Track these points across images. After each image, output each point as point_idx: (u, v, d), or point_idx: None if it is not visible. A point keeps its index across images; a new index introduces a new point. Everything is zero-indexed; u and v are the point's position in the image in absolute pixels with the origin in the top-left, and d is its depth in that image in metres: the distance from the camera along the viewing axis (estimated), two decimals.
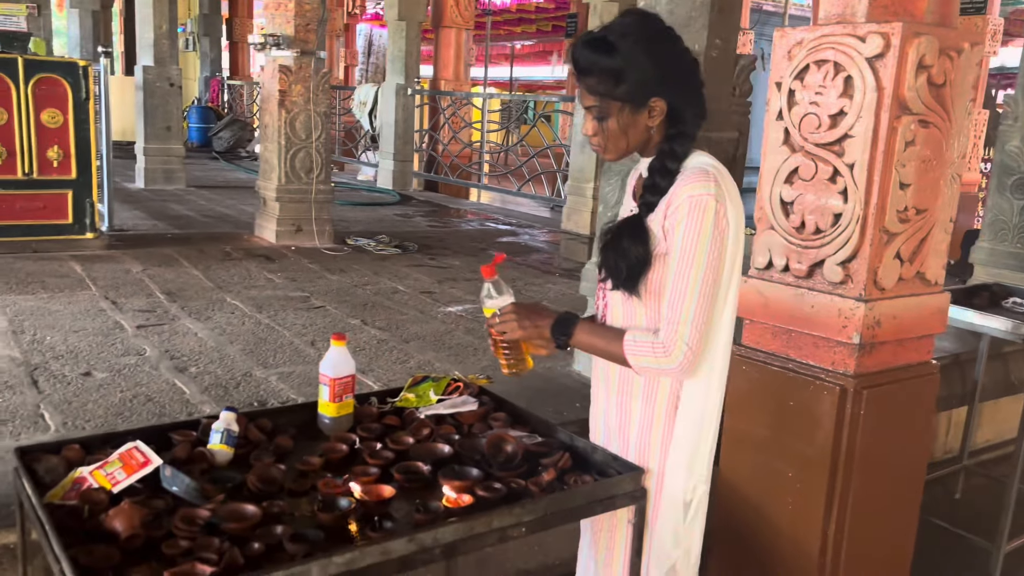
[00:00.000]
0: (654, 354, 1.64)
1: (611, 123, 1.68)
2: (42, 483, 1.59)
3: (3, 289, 4.35)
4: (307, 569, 1.33)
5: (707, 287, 1.63)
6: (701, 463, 1.75)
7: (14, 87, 5.01)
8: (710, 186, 1.62)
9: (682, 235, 1.62)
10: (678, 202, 1.63)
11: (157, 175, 9.16)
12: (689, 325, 1.62)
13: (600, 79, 1.64)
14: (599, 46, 1.64)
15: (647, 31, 1.66)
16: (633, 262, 1.67)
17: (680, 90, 1.69)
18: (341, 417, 1.93)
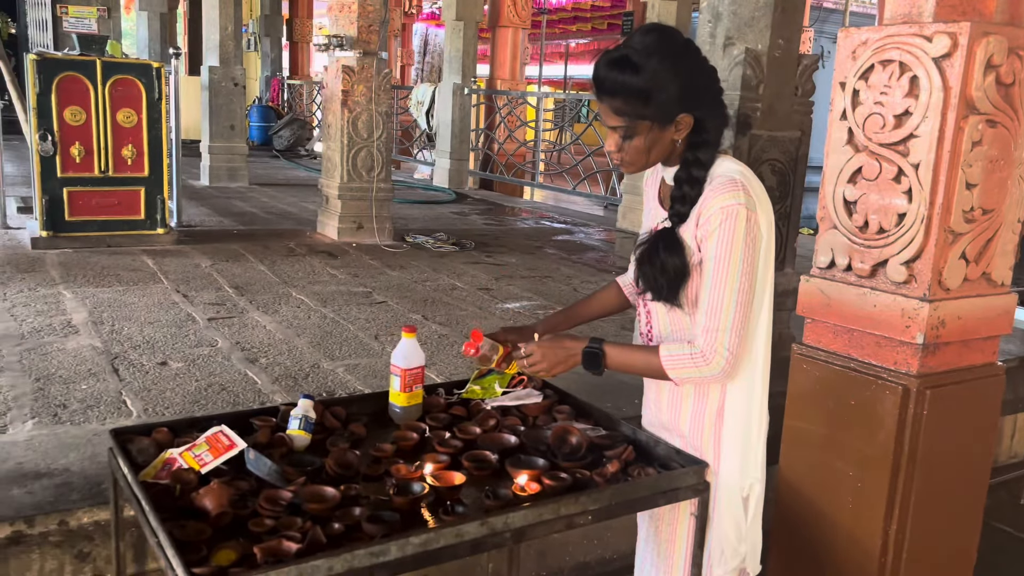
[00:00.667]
0: (695, 364, 1.68)
1: (637, 141, 1.69)
2: (135, 463, 1.69)
3: (82, 281, 4.55)
4: (386, 548, 1.40)
5: (743, 295, 1.66)
6: (753, 461, 1.78)
7: (92, 88, 5.21)
8: (740, 195, 1.65)
9: (715, 244, 1.65)
10: (709, 213, 1.66)
11: (221, 173, 9.41)
12: (728, 332, 1.66)
13: (627, 100, 1.65)
14: (625, 67, 1.63)
15: (672, 48, 1.66)
16: (672, 275, 1.70)
17: (704, 102, 1.71)
18: (411, 407, 2.00)
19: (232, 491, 1.57)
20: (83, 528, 2.04)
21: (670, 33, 1.69)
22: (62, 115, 5.14)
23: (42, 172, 5.19)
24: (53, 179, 5.24)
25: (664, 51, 1.64)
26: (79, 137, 5.22)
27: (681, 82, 1.65)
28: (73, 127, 5.19)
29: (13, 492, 2.11)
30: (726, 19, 2.91)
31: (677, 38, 1.68)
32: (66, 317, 3.84)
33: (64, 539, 2.02)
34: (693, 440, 1.81)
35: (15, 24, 15.32)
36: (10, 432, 2.54)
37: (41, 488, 2.14)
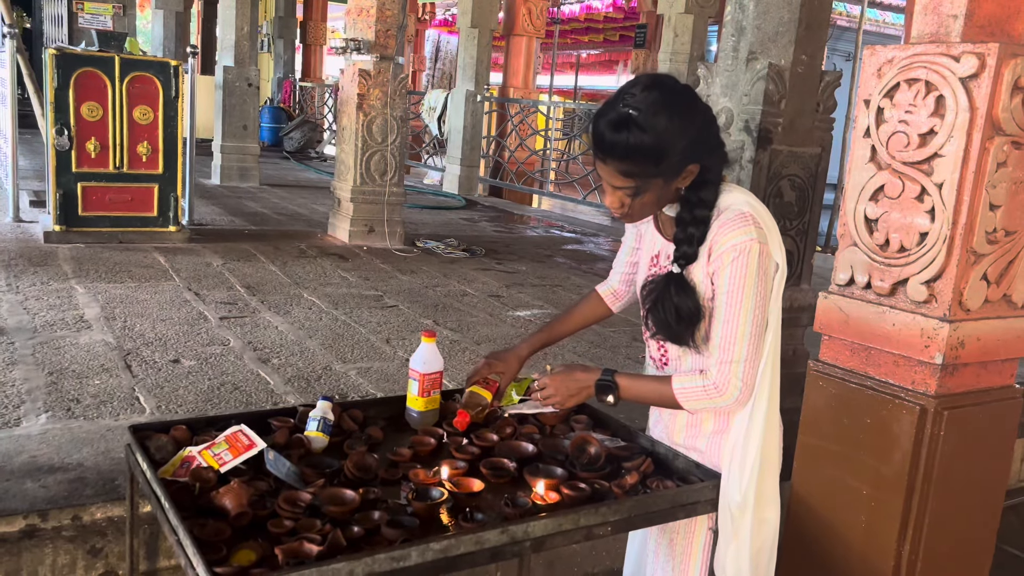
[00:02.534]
0: (708, 396, 1.68)
1: (646, 198, 1.66)
2: (153, 460, 1.68)
3: (94, 277, 4.55)
4: (407, 553, 1.39)
5: (756, 327, 1.66)
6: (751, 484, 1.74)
7: (110, 84, 5.22)
8: (751, 230, 1.64)
9: (728, 280, 1.64)
10: (721, 250, 1.65)
11: (232, 172, 9.42)
12: (743, 364, 1.66)
13: (637, 163, 1.59)
14: (632, 129, 1.56)
15: (677, 103, 1.60)
16: (686, 320, 1.69)
17: (709, 149, 1.67)
18: (428, 412, 2.00)
19: (252, 491, 1.56)
20: (96, 524, 2.03)
21: (671, 85, 1.63)
22: (79, 110, 5.16)
23: (57, 166, 5.21)
24: (68, 174, 5.25)
25: (671, 107, 1.58)
26: (95, 132, 5.23)
27: (691, 136, 1.60)
28: (89, 122, 5.20)
29: (27, 485, 2.11)
30: (750, 33, 2.91)
31: (679, 90, 1.63)
32: (78, 312, 3.84)
33: (77, 534, 2.02)
34: (711, 457, 1.81)
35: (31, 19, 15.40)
36: (24, 425, 2.54)
37: (55, 482, 2.13)
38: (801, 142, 2.97)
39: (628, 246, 2.00)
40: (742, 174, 2.91)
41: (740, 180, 2.92)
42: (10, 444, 2.35)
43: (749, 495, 1.72)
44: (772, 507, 1.77)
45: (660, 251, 1.82)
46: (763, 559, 1.78)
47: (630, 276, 2.01)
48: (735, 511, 1.71)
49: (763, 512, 1.74)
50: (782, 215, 2.99)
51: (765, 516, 1.76)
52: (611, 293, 2.07)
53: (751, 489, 1.72)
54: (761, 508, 1.74)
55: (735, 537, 1.72)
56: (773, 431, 1.76)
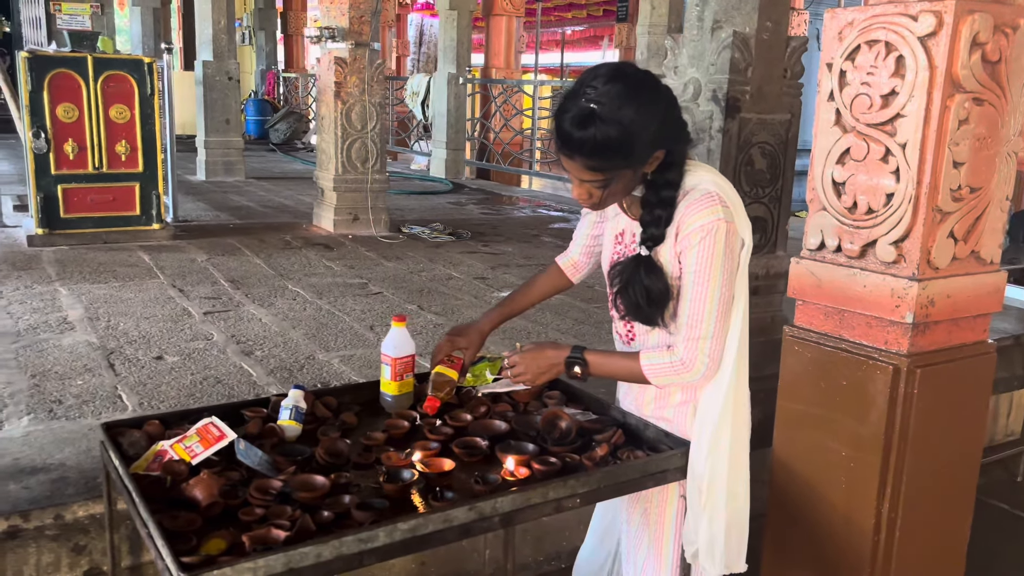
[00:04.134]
0: (676, 372, 1.70)
1: (615, 188, 1.65)
2: (126, 455, 1.70)
3: (78, 278, 4.56)
4: (375, 534, 1.41)
5: (723, 304, 1.68)
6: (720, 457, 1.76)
7: (84, 85, 5.21)
8: (717, 210, 1.64)
9: (695, 259, 1.65)
10: (688, 230, 1.65)
11: (217, 167, 9.40)
12: (710, 340, 1.68)
13: (606, 158, 1.57)
14: (597, 124, 1.54)
15: (640, 92, 1.58)
16: (656, 300, 1.69)
17: (674, 131, 1.66)
18: (402, 395, 2.02)
19: (223, 481, 1.58)
20: (79, 521, 2.06)
21: (633, 74, 1.60)
22: (55, 112, 5.14)
23: (36, 170, 5.20)
24: (47, 176, 5.24)
25: (635, 97, 1.56)
26: (72, 134, 5.22)
27: (656, 125, 1.59)
28: (66, 124, 5.19)
29: (9, 487, 2.13)
30: (713, 2, 2.90)
31: (640, 77, 1.60)
32: (62, 314, 3.85)
33: (60, 533, 2.04)
34: (680, 426, 1.83)
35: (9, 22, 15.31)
36: (6, 428, 2.55)
37: (37, 483, 2.15)
38: (770, 109, 2.97)
39: (590, 219, 2.01)
40: (712, 144, 2.92)
41: (710, 150, 2.92)
42: None
43: (719, 468, 1.73)
44: (742, 482, 1.79)
45: (625, 229, 1.83)
46: (734, 535, 1.79)
47: (590, 248, 2.02)
48: (703, 484, 1.73)
49: (734, 486, 1.76)
50: (754, 183, 3.00)
51: (736, 490, 1.77)
52: (571, 265, 2.08)
53: (722, 462, 1.74)
54: (732, 482, 1.75)
55: (706, 509, 1.74)
56: (741, 405, 1.77)
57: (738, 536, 1.79)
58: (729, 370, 1.71)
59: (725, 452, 1.73)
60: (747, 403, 1.79)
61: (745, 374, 1.78)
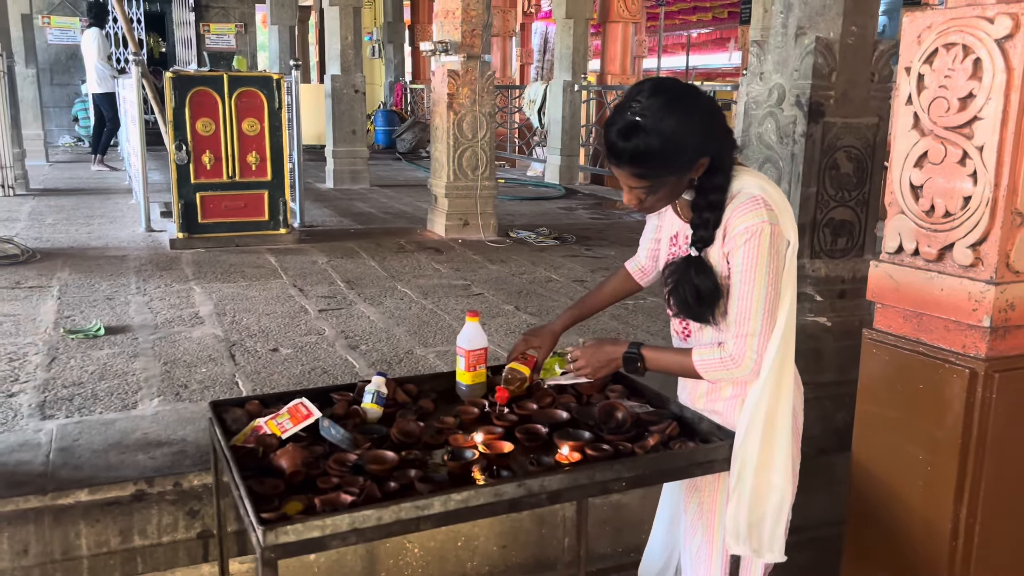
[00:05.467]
0: (725, 368, 1.79)
1: (662, 193, 1.77)
2: (229, 430, 1.94)
3: (211, 277, 4.99)
4: (430, 503, 1.57)
5: (769, 302, 1.75)
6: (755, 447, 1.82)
7: (220, 100, 5.67)
8: (762, 213, 1.73)
9: (742, 259, 1.74)
10: (734, 233, 1.75)
11: (344, 176, 9.89)
12: (757, 337, 1.76)
13: (650, 166, 1.70)
14: (641, 135, 1.66)
15: (681, 104, 1.69)
16: (707, 299, 1.79)
17: (717, 139, 1.76)
18: (475, 385, 2.18)
19: (306, 454, 1.79)
20: (194, 489, 2.33)
21: (674, 88, 1.72)
22: (194, 126, 5.62)
23: (178, 179, 5.70)
24: (187, 185, 5.74)
25: (675, 109, 1.67)
26: (209, 146, 5.70)
27: (698, 134, 1.70)
28: (204, 137, 5.67)
29: (139, 457, 2.43)
30: (797, 9, 2.94)
31: (681, 91, 1.72)
32: (194, 309, 4.24)
33: (178, 498, 2.32)
34: (729, 417, 1.91)
35: (165, 43, 16.58)
36: (140, 408, 2.89)
37: (161, 455, 2.45)
38: (856, 113, 2.97)
39: (652, 224, 2.11)
40: (795, 148, 2.95)
41: (794, 154, 2.96)
42: (127, 423, 2.69)
43: (749, 458, 1.80)
44: (779, 473, 1.82)
45: (679, 232, 1.94)
46: (766, 527, 1.84)
47: (655, 252, 2.12)
48: (734, 470, 1.82)
49: (766, 474, 1.81)
50: (839, 186, 3.01)
51: (770, 479, 1.81)
52: (639, 269, 2.19)
53: (752, 452, 1.80)
54: (764, 471, 1.80)
55: (734, 496, 1.82)
56: (784, 398, 1.82)
57: (772, 525, 1.85)
58: (768, 365, 1.78)
59: (756, 444, 1.80)
60: (789, 398, 1.84)
61: (790, 371, 1.84)
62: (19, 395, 2.97)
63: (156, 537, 2.30)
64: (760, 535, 1.83)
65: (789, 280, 1.80)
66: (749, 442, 1.80)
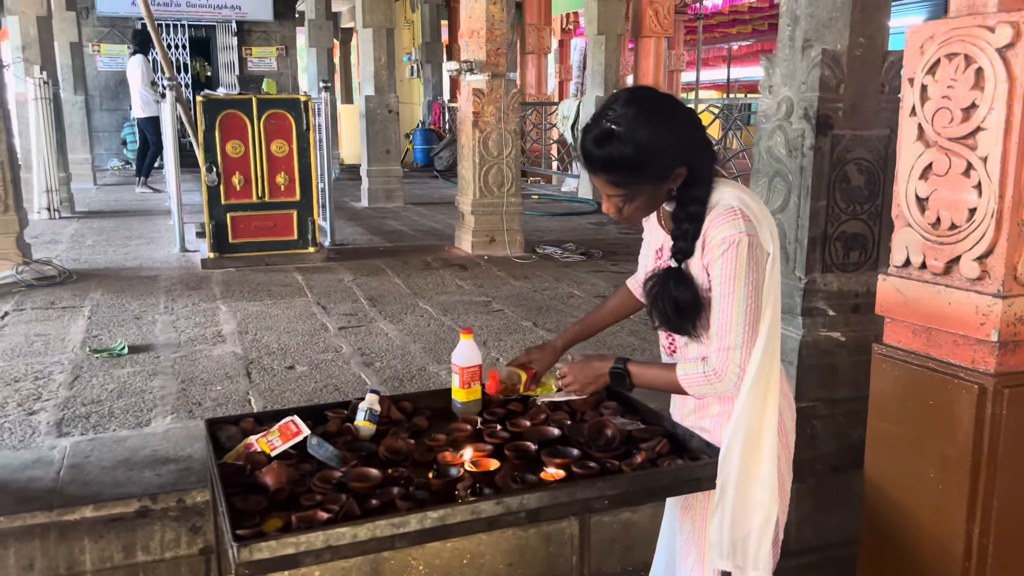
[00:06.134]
0: (708, 382, 1.77)
1: (639, 202, 1.77)
2: (223, 447, 1.97)
3: (238, 296, 5.08)
4: (406, 520, 1.58)
5: (750, 315, 1.73)
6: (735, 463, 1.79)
7: (250, 123, 5.79)
8: (739, 223, 1.71)
9: (720, 271, 1.72)
10: (712, 244, 1.73)
11: (379, 194, 10.01)
12: (739, 351, 1.73)
13: (624, 174, 1.71)
14: (614, 143, 1.68)
15: (655, 114, 1.70)
16: (685, 310, 1.78)
17: (695, 151, 1.76)
18: (470, 402, 2.19)
19: (292, 471, 1.81)
20: (196, 505, 2.37)
21: (649, 97, 1.73)
22: (224, 148, 5.75)
23: (209, 200, 5.83)
24: (218, 206, 5.86)
25: (649, 119, 1.68)
26: (239, 167, 5.82)
27: (671, 143, 1.70)
28: (234, 159, 5.79)
29: (145, 474, 2.48)
30: (803, 22, 2.91)
31: (657, 100, 1.72)
32: (218, 328, 4.32)
33: (181, 514, 2.36)
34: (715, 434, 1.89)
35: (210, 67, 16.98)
36: (152, 425, 2.95)
37: (167, 471, 2.50)
38: (866, 125, 2.93)
39: (646, 240, 2.11)
40: (804, 161, 2.92)
41: (803, 168, 2.92)
42: (139, 440, 2.75)
43: (730, 473, 1.77)
44: (764, 489, 1.78)
45: (663, 245, 1.93)
46: (751, 544, 1.80)
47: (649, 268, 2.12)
48: (720, 485, 1.79)
49: (749, 489, 1.77)
50: (850, 199, 2.96)
51: (754, 495, 1.78)
52: (638, 285, 2.18)
53: (732, 467, 1.77)
54: (746, 486, 1.77)
55: (718, 511, 1.80)
56: (769, 412, 1.79)
57: (757, 542, 1.81)
58: (750, 377, 1.75)
59: (737, 457, 1.77)
60: (774, 413, 1.80)
61: (775, 384, 1.80)
62: (40, 413, 3.06)
63: (159, 553, 2.34)
64: (745, 551, 1.80)
65: (771, 291, 1.77)
66: (731, 456, 1.77)
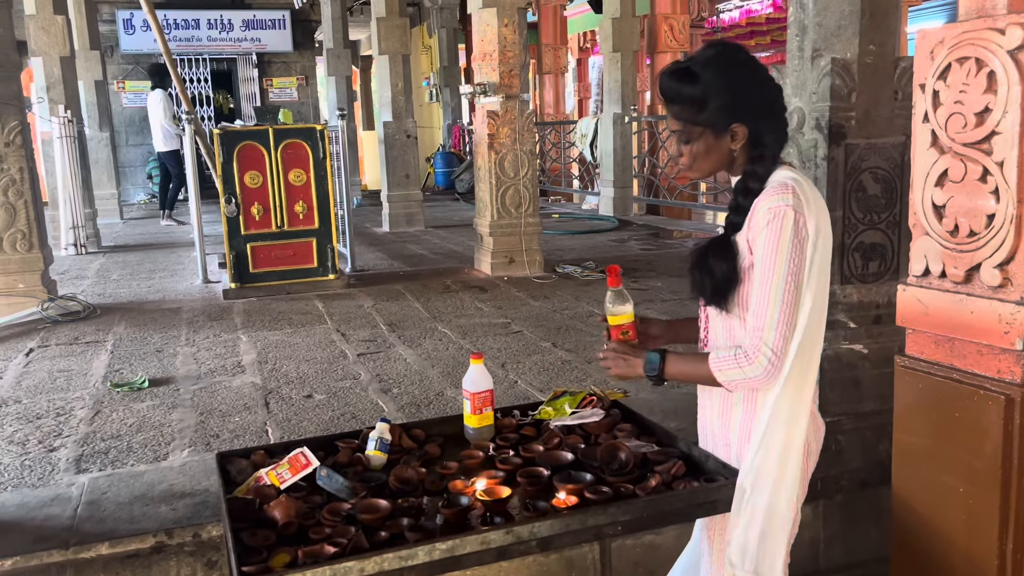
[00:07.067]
0: (738, 365, 1.71)
1: (695, 146, 1.79)
2: (233, 481, 1.96)
3: (258, 326, 5.10)
4: (414, 552, 1.55)
5: (789, 295, 1.67)
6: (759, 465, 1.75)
7: (267, 153, 5.84)
8: (787, 197, 1.68)
9: (763, 245, 1.69)
10: (758, 215, 1.71)
11: (400, 219, 10.05)
12: (773, 331, 1.67)
13: (684, 107, 1.76)
14: (683, 76, 1.75)
15: (728, 62, 1.76)
16: (719, 279, 1.75)
17: (760, 116, 1.77)
18: (483, 428, 2.16)
19: (301, 504, 1.79)
20: (212, 540, 2.36)
21: (731, 48, 1.80)
22: (243, 179, 5.80)
23: (229, 231, 5.87)
24: (238, 237, 5.90)
25: (721, 63, 1.75)
26: (258, 198, 5.86)
27: (733, 93, 1.74)
28: (252, 189, 5.83)
29: (161, 509, 2.47)
30: (812, 31, 2.88)
31: (737, 54, 1.79)
32: (238, 359, 4.33)
33: (197, 549, 2.35)
34: (740, 449, 1.84)
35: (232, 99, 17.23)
36: (170, 459, 2.95)
37: (183, 506, 2.49)
38: (880, 133, 2.89)
39: None
40: (818, 172, 2.87)
41: (817, 179, 2.88)
42: (155, 475, 2.75)
43: (764, 473, 1.74)
44: (781, 491, 1.75)
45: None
46: (768, 544, 1.76)
47: None
48: (747, 483, 1.75)
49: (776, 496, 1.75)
50: (867, 209, 2.91)
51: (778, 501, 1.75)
52: None
53: (768, 467, 1.74)
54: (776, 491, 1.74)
55: (740, 515, 1.75)
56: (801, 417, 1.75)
57: (772, 547, 1.77)
58: (783, 376, 1.71)
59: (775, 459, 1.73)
60: (805, 418, 1.76)
61: (805, 384, 1.75)
62: (60, 449, 3.07)
63: None
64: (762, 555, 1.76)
65: (815, 279, 1.72)
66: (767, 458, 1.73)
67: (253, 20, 16.48)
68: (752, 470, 1.75)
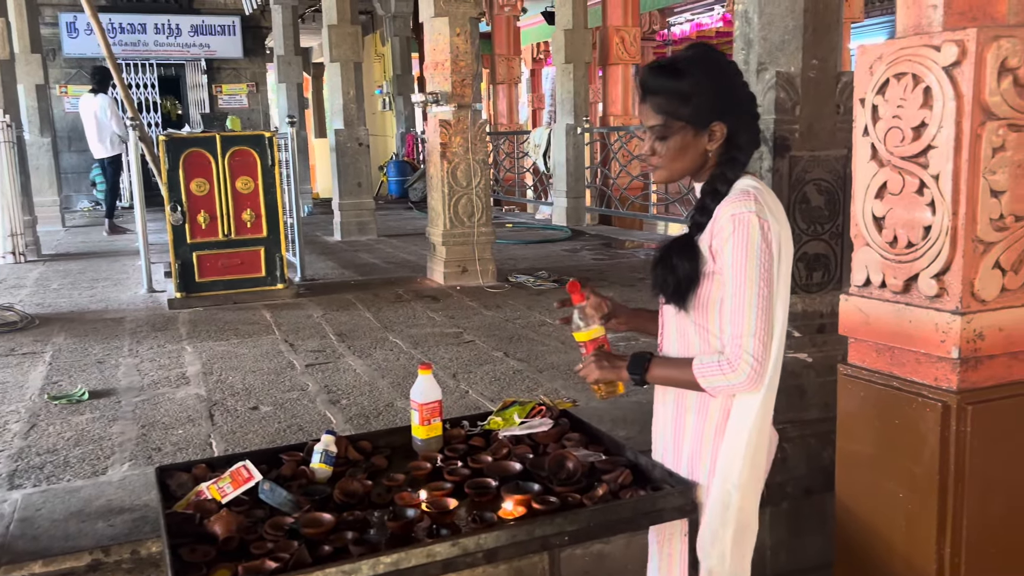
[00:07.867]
0: (722, 372, 1.72)
1: (672, 142, 1.78)
2: (173, 496, 1.91)
3: (204, 336, 5.00)
4: (358, 567, 1.53)
5: (764, 300, 1.70)
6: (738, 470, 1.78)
7: (214, 161, 5.75)
8: (750, 204, 1.70)
9: (731, 252, 1.70)
10: (722, 222, 1.72)
11: (351, 227, 9.96)
12: (752, 338, 1.69)
13: (668, 99, 1.76)
14: (669, 70, 1.77)
15: (713, 62, 1.79)
16: (681, 278, 1.76)
17: (739, 117, 1.80)
18: (431, 439, 2.14)
19: (243, 519, 1.75)
20: (151, 556, 2.29)
21: (715, 51, 1.83)
22: (189, 187, 5.69)
23: (174, 239, 5.76)
24: (184, 245, 5.79)
25: (706, 62, 1.79)
26: (204, 206, 5.76)
27: (718, 92, 1.77)
28: (199, 197, 5.73)
29: (98, 525, 2.40)
30: (757, 45, 2.93)
31: (721, 57, 1.82)
32: (182, 370, 4.24)
33: (135, 566, 2.28)
34: (694, 451, 1.85)
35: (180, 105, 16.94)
36: (108, 474, 2.87)
37: (121, 521, 2.42)
38: (824, 146, 2.95)
39: None
40: None
41: None
42: (93, 490, 2.67)
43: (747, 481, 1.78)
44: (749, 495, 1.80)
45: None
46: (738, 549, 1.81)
47: None
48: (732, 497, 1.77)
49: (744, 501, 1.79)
50: (811, 220, 2.97)
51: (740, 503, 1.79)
52: None
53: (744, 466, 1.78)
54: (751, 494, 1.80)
55: (723, 526, 1.77)
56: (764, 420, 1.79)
57: (744, 549, 1.80)
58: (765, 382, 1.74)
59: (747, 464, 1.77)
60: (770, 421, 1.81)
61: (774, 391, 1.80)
62: None
63: None
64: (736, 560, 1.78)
65: (782, 288, 1.75)
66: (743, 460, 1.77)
67: (202, 25, 16.22)
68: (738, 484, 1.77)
